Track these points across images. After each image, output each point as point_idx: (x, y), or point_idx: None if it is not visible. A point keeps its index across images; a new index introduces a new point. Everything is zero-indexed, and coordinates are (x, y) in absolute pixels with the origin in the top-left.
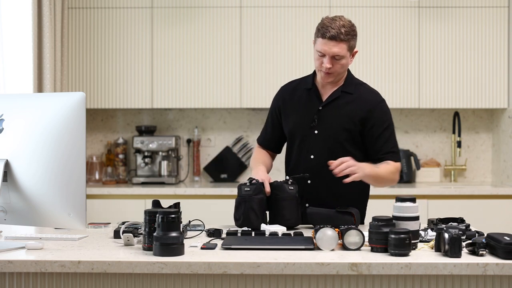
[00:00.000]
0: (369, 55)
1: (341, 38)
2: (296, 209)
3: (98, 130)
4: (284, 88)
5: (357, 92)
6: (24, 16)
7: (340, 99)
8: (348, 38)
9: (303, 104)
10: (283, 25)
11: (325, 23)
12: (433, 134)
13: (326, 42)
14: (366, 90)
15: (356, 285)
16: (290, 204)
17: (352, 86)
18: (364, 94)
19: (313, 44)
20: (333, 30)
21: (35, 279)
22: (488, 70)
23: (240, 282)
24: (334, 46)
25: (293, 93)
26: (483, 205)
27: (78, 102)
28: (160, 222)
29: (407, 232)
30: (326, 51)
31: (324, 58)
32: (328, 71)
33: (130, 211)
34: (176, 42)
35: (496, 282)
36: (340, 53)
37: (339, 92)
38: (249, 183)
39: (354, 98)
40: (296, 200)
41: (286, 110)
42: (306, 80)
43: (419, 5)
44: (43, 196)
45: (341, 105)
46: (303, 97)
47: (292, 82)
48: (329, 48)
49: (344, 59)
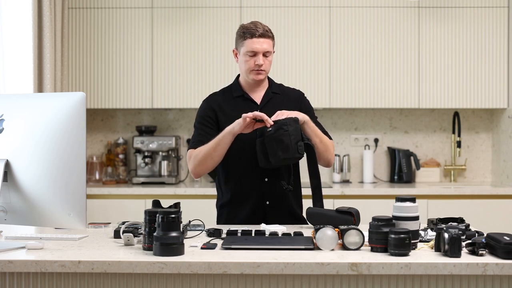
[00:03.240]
0: (369, 55)
1: (269, 35)
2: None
3: (98, 130)
4: (210, 98)
5: (283, 92)
6: (24, 16)
7: (273, 99)
8: (273, 36)
9: (239, 110)
10: (283, 25)
11: (248, 26)
12: (433, 134)
13: (256, 41)
14: (287, 88)
15: (356, 285)
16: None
17: (276, 87)
18: (289, 92)
19: (236, 52)
20: (260, 29)
21: (35, 279)
22: (488, 70)
23: (240, 282)
24: (264, 42)
25: (225, 101)
26: (483, 205)
27: (78, 102)
28: (160, 222)
29: (407, 232)
30: (258, 48)
31: (255, 57)
32: (261, 68)
33: (130, 211)
34: (176, 42)
35: (496, 282)
36: (269, 49)
37: (270, 93)
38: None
39: (283, 98)
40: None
41: (223, 115)
42: (232, 89)
43: (419, 5)
44: (43, 196)
45: (275, 104)
46: (237, 103)
47: (215, 93)
48: (261, 45)
49: (271, 55)
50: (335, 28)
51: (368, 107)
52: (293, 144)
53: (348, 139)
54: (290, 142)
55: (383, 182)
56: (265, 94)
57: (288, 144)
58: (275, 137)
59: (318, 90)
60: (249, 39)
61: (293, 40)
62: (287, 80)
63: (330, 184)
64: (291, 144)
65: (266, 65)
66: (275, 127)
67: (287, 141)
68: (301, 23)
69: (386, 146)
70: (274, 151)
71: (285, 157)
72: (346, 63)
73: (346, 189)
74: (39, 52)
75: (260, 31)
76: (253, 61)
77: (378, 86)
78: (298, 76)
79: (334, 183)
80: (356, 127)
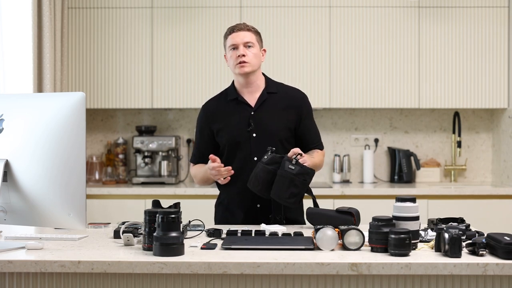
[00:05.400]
0: (369, 55)
1: (248, 28)
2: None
3: (98, 130)
4: (206, 106)
5: (281, 91)
6: (24, 16)
7: (268, 100)
8: (255, 30)
9: (234, 113)
10: (283, 25)
11: (230, 27)
12: (433, 134)
13: (236, 34)
14: (288, 87)
15: (356, 285)
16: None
17: (274, 86)
18: (288, 91)
19: (225, 54)
20: (240, 25)
21: (35, 279)
22: (488, 70)
23: (240, 282)
24: (244, 36)
25: (219, 107)
26: (483, 205)
27: (78, 102)
28: (160, 222)
29: (407, 232)
30: (237, 41)
31: (237, 50)
32: (244, 59)
33: (130, 211)
34: (176, 42)
35: (496, 282)
36: (251, 40)
37: (265, 94)
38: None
39: (281, 97)
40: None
41: (217, 123)
42: (228, 93)
43: (419, 5)
44: (43, 196)
45: (271, 105)
46: (231, 106)
47: (211, 99)
48: (240, 38)
49: (254, 48)
50: (335, 28)
51: (368, 107)
52: (302, 195)
53: (348, 139)
54: (302, 192)
55: (383, 182)
56: (260, 95)
57: (299, 193)
58: (293, 179)
59: (318, 90)
60: (229, 35)
61: (293, 40)
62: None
63: (330, 184)
64: (301, 194)
65: (250, 57)
66: (298, 170)
67: (301, 191)
68: (301, 23)
69: (386, 146)
70: (283, 190)
71: (289, 201)
72: (346, 63)
73: (346, 189)
74: (39, 52)
75: (240, 26)
76: (235, 54)
77: (378, 86)
78: (298, 76)
79: (334, 183)
80: (356, 127)
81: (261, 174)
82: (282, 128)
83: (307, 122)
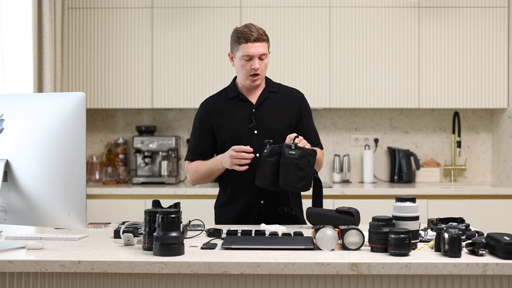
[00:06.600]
0: (369, 55)
1: (263, 38)
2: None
3: (98, 130)
4: (206, 103)
5: (281, 90)
6: (24, 16)
7: (269, 98)
8: (268, 38)
9: (235, 110)
10: (283, 25)
11: (242, 30)
12: (433, 134)
13: (251, 45)
14: (287, 87)
15: (356, 285)
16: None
17: (274, 86)
18: (288, 91)
19: (232, 56)
20: (254, 33)
21: (35, 279)
22: (488, 70)
23: (240, 282)
24: (259, 46)
25: (219, 104)
26: (483, 205)
27: (78, 102)
28: (160, 222)
29: (407, 232)
30: (253, 53)
31: (251, 61)
32: (257, 72)
33: (130, 211)
34: (176, 42)
35: (496, 282)
36: (265, 52)
37: (266, 93)
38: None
39: (281, 96)
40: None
41: (218, 119)
42: (228, 90)
43: (419, 5)
44: (43, 196)
45: (272, 103)
46: (232, 104)
47: (211, 96)
48: (256, 50)
49: (267, 58)
50: (335, 28)
51: (368, 107)
52: (310, 176)
53: (348, 139)
54: (309, 174)
55: (383, 182)
56: (261, 93)
57: (307, 175)
58: (297, 164)
59: (318, 90)
60: (244, 44)
61: (293, 40)
62: (287, 80)
63: (330, 184)
64: (309, 176)
65: (262, 69)
66: (299, 153)
67: (308, 172)
68: (301, 23)
69: (386, 146)
70: (291, 176)
71: (299, 186)
72: (346, 63)
73: (346, 189)
74: (39, 52)
75: (255, 36)
76: (249, 65)
77: (378, 86)
78: (298, 76)
79: (334, 183)
80: (356, 127)
81: (265, 168)
82: (283, 125)
83: (306, 121)
